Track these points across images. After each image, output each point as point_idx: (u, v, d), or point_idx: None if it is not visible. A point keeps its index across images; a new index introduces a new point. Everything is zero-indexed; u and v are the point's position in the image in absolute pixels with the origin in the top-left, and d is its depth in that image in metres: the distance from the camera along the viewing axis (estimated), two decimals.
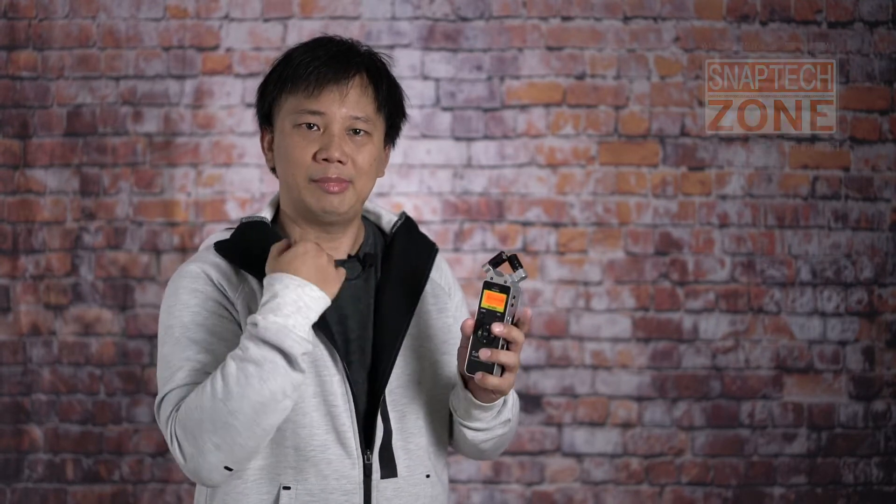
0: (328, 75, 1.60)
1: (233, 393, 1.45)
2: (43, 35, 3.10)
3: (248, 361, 1.46)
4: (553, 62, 3.11)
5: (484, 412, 1.62)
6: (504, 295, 1.51)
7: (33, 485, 3.09)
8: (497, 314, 1.51)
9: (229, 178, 3.11)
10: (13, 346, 3.10)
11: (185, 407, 1.49)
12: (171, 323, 1.59)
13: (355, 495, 1.58)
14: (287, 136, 1.62)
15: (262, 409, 1.46)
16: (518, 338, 1.52)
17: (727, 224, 3.09)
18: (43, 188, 3.11)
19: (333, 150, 1.59)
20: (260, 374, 1.45)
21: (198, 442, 1.47)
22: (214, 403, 1.46)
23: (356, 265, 1.67)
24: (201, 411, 1.47)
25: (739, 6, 3.08)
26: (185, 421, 1.48)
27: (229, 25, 3.12)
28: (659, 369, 3.09)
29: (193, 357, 1.55)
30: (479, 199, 3.12)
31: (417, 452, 1.64)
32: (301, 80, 1.60)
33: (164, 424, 1.52)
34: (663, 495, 3.09)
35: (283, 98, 1.63)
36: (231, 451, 1.48)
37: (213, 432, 1.46)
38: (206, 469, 1.49)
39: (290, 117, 1.62)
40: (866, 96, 3.07)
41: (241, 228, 1.67)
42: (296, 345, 1.46)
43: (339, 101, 1.60)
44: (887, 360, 3.06)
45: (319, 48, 1.63)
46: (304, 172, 1.60)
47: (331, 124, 1.60)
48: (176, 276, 1.63)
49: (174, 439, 1.50)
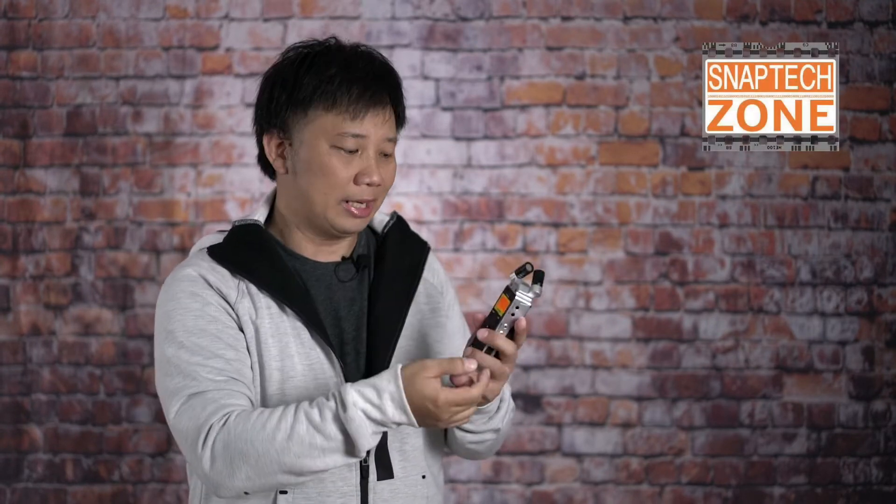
0: (371, 99, 1.59)
1: (291, 451, 1.47)
2: (43, 35, 3.10)
3: (320, 432, 1.47)
4: (553, 62, 3.11)
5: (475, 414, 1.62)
6: (509, 301, 1.51)
7: (33, 485, 3.09)
8: (497, 316, 1.51)
9: (229, 178, 3.11)
10: (13, 346, 3.10)
11: (235, 430, 1.48)
12: (172, 328, 1.57)
13: (352, 497, 1.59)
14: (323, 155, 1.59)
15: (307, 473, 1.49)
16: (505, 347, 1.51)
17: (727, 224, 3.09)
18: (43, 188, 3.10)
19: (375, 174, 1.59)
20: (324, 449, 1.47)
21: (233, 466, 1.48)
22: (268, 449, 1.47)
23: (350, 267, 1.67)
24: (252, 446, 1.47)
25: (739, 6, 3.08)
26: (231, 443, 1.48)
27: (229, 25, 3.12)
28: (659, 369, 3.09)
29: (205, 362, 1.54)
30: (479, 199, 3.12)
31: (413, 453, 1.64)
32: (344, 100, 1.58)
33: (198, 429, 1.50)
34: (663, 495, 3.09)
35: (316, 114, 1.60)
36: (258, 486, 1.50)
37: (252, 468, 1.48)
38: (226, 488, 1.51)
39: (327, 136, 1.59)
40: (866, 96, 3.07)
41: (235, 232, 1.66)
42: (366, 443, 1.48)
43: (381, 125, 1.61)
44: (887, 360, 3.06)
45: (355, 67, 1.61)
46: (342, 193, 1.60)
47: (369, 147, 1.60)
48: (171, 279, 1.61)
49: (208, 448, 1.49)
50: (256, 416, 1.49)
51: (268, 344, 1.58)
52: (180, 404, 1.52)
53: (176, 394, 1.53)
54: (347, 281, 1.66)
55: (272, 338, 1.59)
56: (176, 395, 1.53)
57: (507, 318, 1.50)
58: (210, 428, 1.49)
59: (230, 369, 1.55)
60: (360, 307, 1.65)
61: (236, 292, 1.60)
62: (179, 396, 1.53)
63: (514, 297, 1.50)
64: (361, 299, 1.66)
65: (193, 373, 1.53)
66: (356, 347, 1.63)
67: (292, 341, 1.59)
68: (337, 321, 1.63)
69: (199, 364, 1.54)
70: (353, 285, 1.66)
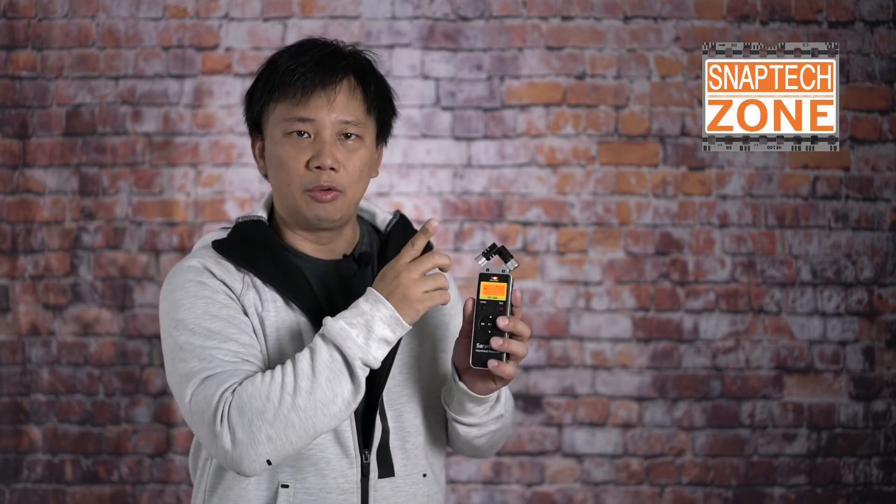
0: (315, 81, 1.59)
1: (301, 389, 1.46)
2: (42, 35, 3.10)
3: (315, 360, 1.47)
4: (553, 62, 3.10)
5: (477, 406, 1.62)
6: (504, 284, 1.53)
7: (32, 485, 3.09)
8: (500, 304, 1.52)
9: (229, 177, 3.11)
10: (12, 347, 3.09)
11: (246, 393, 1.47)
12: (181, 316, 1.56)
13: (353, 494, 1.59)
14: (278, 144, 1.61)
15: (323, 410, 1.47)
16: (524, 331, 1.53)
17: (727, 224, 3.09)
18: (42, 188, 3.10)
19: (325, 157, 1.58)
20: (328, 378, 1.47)
21: (252, 429, 1.46)
22: (283, 396, 1.46)
23: (352, 265, 1.67)
24: (265, 400, 1.46)
25: (739, 6, 3.08)
26: (245, 407, 1.46)
27: (229, 25, 3.11)
28: (659, 369, 3.09)
29: (219, 346, 1.53)
30: (479, 199, 3.12)
31: (414, 452, 1.65)
32: (288, 87, 1.59)
33: (213, 406, 1.48)
34: (663, 496, 3.08)
35: (271, 106, 1.62)
36: (281, 447, 1.48)
37: (271, 424, 1.46)
38: (250, 458, 1.47)
39: (279, 126, 1.61)
40: (866, 96, 3.07)
41: (239, 227, 1.67)
42: (357, 350, 1.48)
43: (328, 106, 1.59)
44: (887, 360, 3.06)
45: (304, 53, 1.62)
46: (299, 182, 1.60)
47: (321, 131, 1.59)
48: (176, 271, 1.61)
49: (224, 421, 1.47)
50: (263, 375, 1.49)
51: (271, 336, 1.59)
52: (195, 387, 1.51)
53: (191, 378, 1.52)
54: (349, 278, 1.66)
55: (276, 331, 1.59)
56: (192, 379, 1.51)
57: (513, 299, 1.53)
58: (223, 400, 1.48)
59: (245, 352, 1.54)
60: None
61: (241, 284, 1.60)
62: (195, 380, 1.51)
63: (506, 278, 1.53)
64: None
65: (209, 356, 1.52)
66: None
67: (295, 336, 1.59)
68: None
69: (215, 347, 1.53)
70: (355, 283, 1.66)
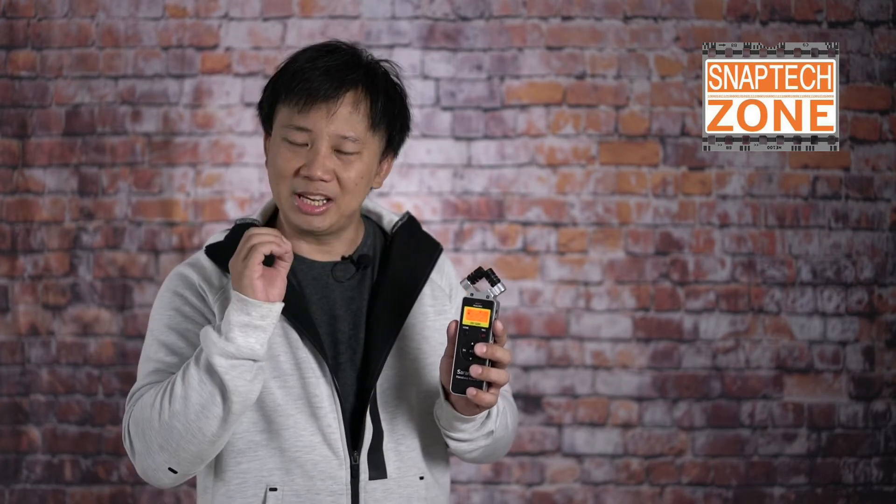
0: (318, 91, 1.56)
1: (176, 395, 1.49)
2: (42, 34, 3.09)
3: (191, 365, 1.50)
4: (553, 62, 3.10)
5: (466, 423, 1.60)
6: (488, 310, 1.49)
7: (32, 486, 3.08)
8: (482, 330, 1.49)
9: (228, 177, 3.11)
10: (11, 347, 3.09)
11: (139, 405, 1.53)
12: (152, 326, 1.63)
13: (342, 496, 1.58)
14: (276, 147, 1.61)
15: (201, 412, 1.49)
16: (504, 358, 1.50)
17: (727, 224, 3.09)
18: (42, 188, 3.10)
19: (316, 168, 1.56)
20: (198, 377, 1.49)
21: (146, 439, 1.52)
22: (162, 403, 1.50)
23: (349, 267, 1.66)
24: (150, 409, 1.51)
25: (739, 6, 3.08)
26: (138, 418, 1.53)
27: (228, 25, 3.11)
28: (659, 369, 3.09)
29: (161, 359, 1.58)
30: (479, 199, 3.11)
31: (409, 454, 1.63)
32: (293, 93, 1.58)
33: (124, 420, 1.57)
34: (664, 496, 3.08)
35: (277, 107, 1.61)
36: (175, 454, 1.51)
37: (158, 432, 1.50)
38: (152, 468, 1.53)
39: (280, 130, 1.60)
40: (866, 96, 3.07)
41: (234, 230, 1.67)
42: (211, 345, 1.48)
43: (327, 118, 1.57)
44: (887, 360, 3.06)
45: (319, 58, 1.59)
46: (288, 186, 1.59)
47: (317, 141, 1.57)
48: (167, 278, 1.66)
49: (127, 434, 1.55)
50: (156, 386, 1.54)
51: None
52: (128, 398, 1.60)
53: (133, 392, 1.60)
54: (345, 280, 1.65)
55: None
56: (134, 394, 1.59)
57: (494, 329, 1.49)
58: (126, 414, 1.56)
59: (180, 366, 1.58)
60: (359, 306, 1.65)
61: (220, 290, 1.61)
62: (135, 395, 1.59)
63: (493, 306, 1.48)
64: (361, 299, 1.65)
65: (150, 371, 1.59)
66: (352, 346, 1.63)
67: (280, 341, 1.59)
68: (332, 320, 1.63)
69: (159, 360, 1.59)
70: (352, 284, 1.65)
